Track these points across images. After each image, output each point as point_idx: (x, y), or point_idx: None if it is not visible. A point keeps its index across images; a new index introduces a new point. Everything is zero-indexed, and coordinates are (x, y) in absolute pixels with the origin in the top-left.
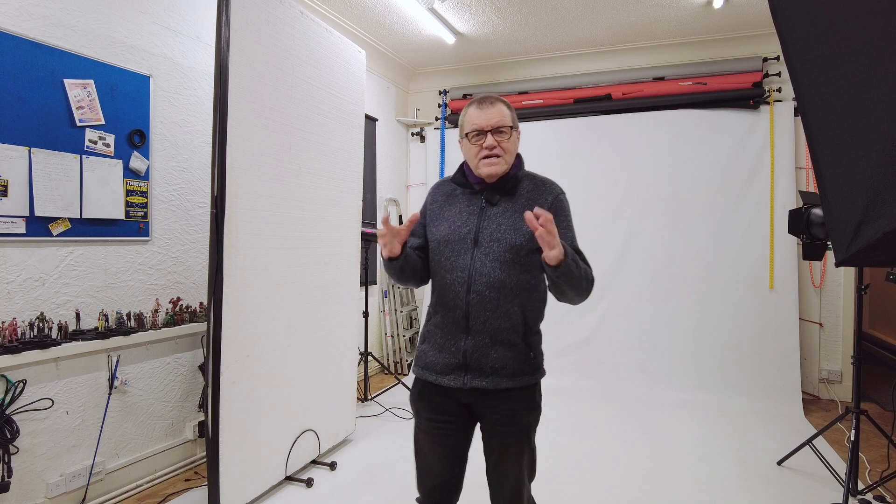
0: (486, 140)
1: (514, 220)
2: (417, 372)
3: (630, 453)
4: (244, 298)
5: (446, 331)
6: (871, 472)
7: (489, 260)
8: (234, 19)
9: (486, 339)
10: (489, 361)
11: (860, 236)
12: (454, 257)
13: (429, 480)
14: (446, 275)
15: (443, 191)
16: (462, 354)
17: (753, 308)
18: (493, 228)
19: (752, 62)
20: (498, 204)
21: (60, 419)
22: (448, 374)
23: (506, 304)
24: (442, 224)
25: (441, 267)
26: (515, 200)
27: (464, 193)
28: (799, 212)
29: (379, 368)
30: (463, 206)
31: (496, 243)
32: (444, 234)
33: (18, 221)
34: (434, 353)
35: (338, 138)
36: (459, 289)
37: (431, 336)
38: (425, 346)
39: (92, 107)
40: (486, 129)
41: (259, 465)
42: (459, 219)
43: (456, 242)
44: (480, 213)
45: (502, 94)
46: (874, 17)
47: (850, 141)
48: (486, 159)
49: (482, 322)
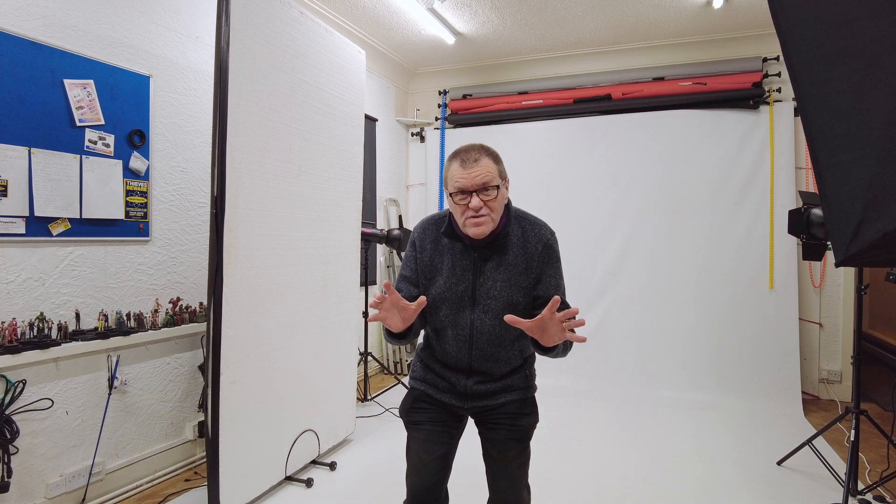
0: (471, 201)
1: (509, 275)
2: (414, 384)
3: (630, 454)
4: (244, 298)
5: (448, 368)
6: (871, 472)
7: (489, 318)
8: (233, 19)
9: (488, 377)
10: (490, 389)
11: (860, 236)
12: (453, 315)
13: (417, 478)
14: (448, 329)
15: (430, 237)
16: (464, 388)
17: (753, 308)
18: (489, 286)
19: (752, 62)
20: (490, 259)
21: (60, 419)
22: (448, 393)
23: (506, 353)
24: (437, 279)
25: (440, 322)
26: (508, 251)
27: (454, 246)
28: (799, 212)
29: (379, 369)
30: (456, 260)
31: (493, 301)
32: (440, 290)
33: (18, 221)
34: (433, 377)
35: (338, 138)
36: (462, 344)
37: (431, 366)
38: (424, 370)
39: (92, 107)
40: (471, 190)
41: (259, 465)
42: (454, 276)
43: (453, 301)
44: (474, 269)
45: (502, 94)
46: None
47: (850, 141)
48: (472, 219)
49: (485, 370)
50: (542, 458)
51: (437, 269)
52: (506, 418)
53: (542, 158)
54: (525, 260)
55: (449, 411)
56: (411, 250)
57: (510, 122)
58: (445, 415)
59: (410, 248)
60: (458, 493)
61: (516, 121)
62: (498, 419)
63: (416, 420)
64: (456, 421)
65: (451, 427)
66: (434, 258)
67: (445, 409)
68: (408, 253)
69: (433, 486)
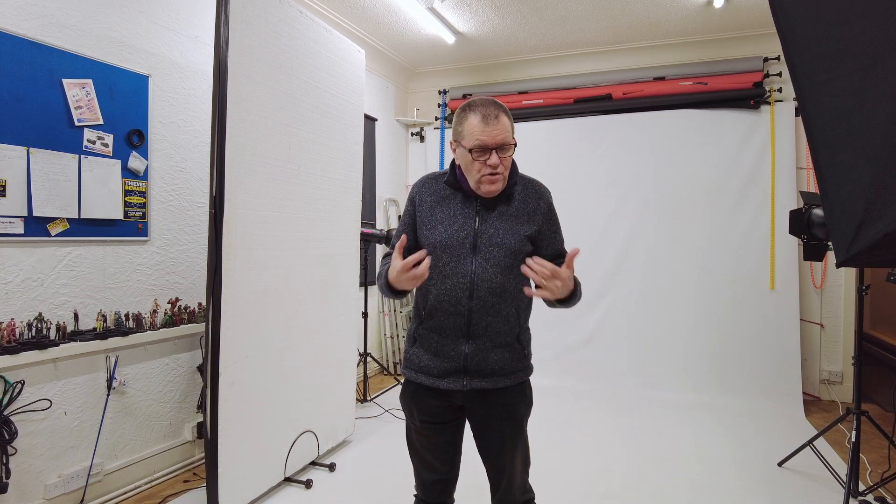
0: (490, 158)
1: (512, 224)
2: (410, 375)
3: (630, 454)
4: (243, 299)
5: (445, 335)
6: (872, 473)
7: (490, 265)
8: (233, 18)
9: (487, 343)
10: (489, 364)
11: (861, 237)
12: (453, 262)
13: (427, 476)
14: (446, 280)
15: (430, 190)
16: (462, 358)
17: (754, 308)
18: (491, 233)
19: (753, 62)
20: (493, 208)
21: (59, 420)
22: (446, 378)
23: (506, 307)
24: (436, 227)
25: (439, 272)
26: (510, 203)
27: (455, 195)
28: (800, 212)
29: (378, 369)
30: (457, 208)
31: (496, 248)
32: (439, 238)
33: (17, 221)
34: (429, 357)
35: (337, 138)
36: (461, 294)
37: (426, 340)
38: (417, 349)
39: (90, 106)
40: (491, 147)
41: (258, 467)
42: (455, 223)
43: (454, 247)
44: (477, 217)
45: (502, 94)
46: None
47: (851, 141)
48: (489, 176)
49: (483, 327)
50: (542, 458)
51: (438, 219)
52: (500, 411)
53: (543, 158)
54: (527, 212)
55: (448, 402)
56: (409, 206)
57: None
58: (445, 408)
59: (409, 203)
60: (459, 492)
61: (517, 121)
62: (494, 413)
63: (417, 417)
64: (458, 414)
65: (452, 425)
66: (434, 209)
67: (444, 401)
68: (405, 209)
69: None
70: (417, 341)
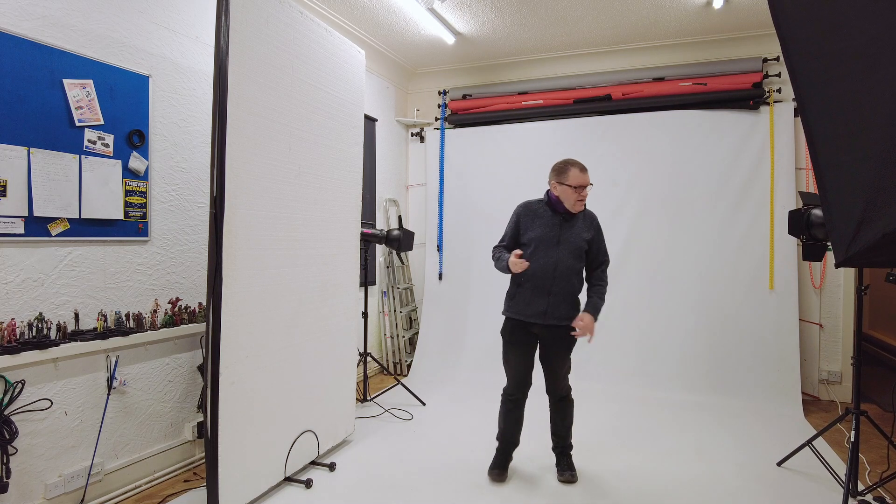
0: (583, 192)
1: (579, 231)
2: (510, 314)
3: (629, 454)
4: (243, 299)
5: (535, 293)
6: (871, 473)
7: (566, 254)
8: (233, 19)
9: (559, 299)
10: (561, 311)
11: (860, 237)
12: (545, 250)
13: (517, 377)
14: (540, 260)
15: (529, 210)
16: (546, 305)
17: (753, 309)
18: (568, 235)
19: (752, 62)
20: (568, 221)
21: (59, 420)
22: (534, 316)
23: (573, 278)
24: (535, 230)
25: (535, 256)
26: (578, 219)
27: (546, 211)
28: (799, 212)
29: (378, 369)
30: (547, 220)
31: (571, 244)
32: (536, 235)
33: (17, 221)
34: (524, 304)
35: (337, 138)
36: (549, 270)
37: (522, 295)
38: (516, 301)
39: (91, 107)
40: (584, 186)
41: (258, 466)
42: (546, 228)
43: (545, 241)
44: (560, 226)
45: (502, 94)
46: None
47: (851, 142)
48: (579, 202)
49: (559, 289)
50: (542, 458)
51: (536, 225)
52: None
53: (542, 159)
54: (586, 227)
55: (531, 333)
56: (513, 219)
57: (510, 122)
58: (529, 336)
59: (513, 218)
60: (459, 492)
61: (516, 121)
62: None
63: (513, 341)
64: (535, 340)
65: (532, 346)
66: (533, 220)
67: (529, 333)
68: (511, 220)
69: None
70: (516, 296)
